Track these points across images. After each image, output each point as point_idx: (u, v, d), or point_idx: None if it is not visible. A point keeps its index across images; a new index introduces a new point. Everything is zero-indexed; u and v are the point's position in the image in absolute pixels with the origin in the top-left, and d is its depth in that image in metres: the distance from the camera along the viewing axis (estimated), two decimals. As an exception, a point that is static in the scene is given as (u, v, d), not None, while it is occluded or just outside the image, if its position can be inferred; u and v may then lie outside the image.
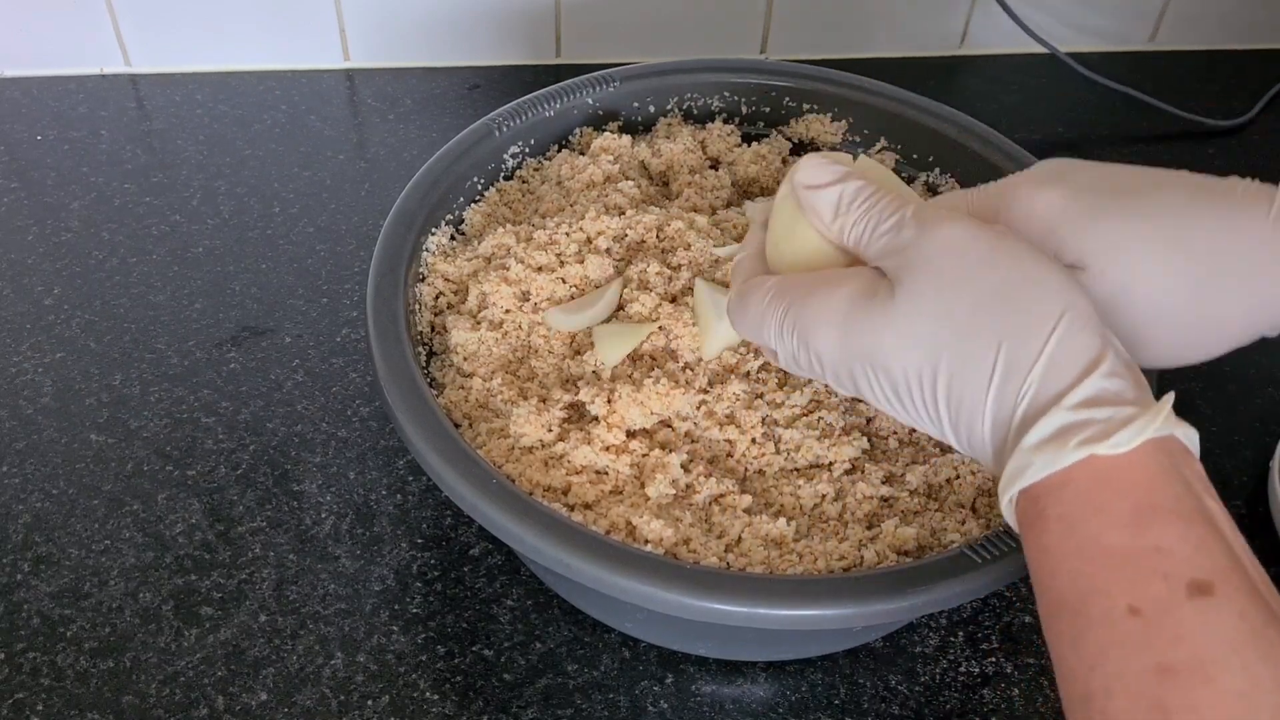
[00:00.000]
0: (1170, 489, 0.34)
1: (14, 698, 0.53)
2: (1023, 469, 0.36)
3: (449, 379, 0.56)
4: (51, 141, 0.82)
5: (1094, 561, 0.34)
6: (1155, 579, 0.33)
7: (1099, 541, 0.34)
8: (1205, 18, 0.95)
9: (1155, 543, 0.33)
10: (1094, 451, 0.34)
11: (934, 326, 0.38)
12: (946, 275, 0.38)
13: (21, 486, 0.61)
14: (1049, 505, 0.35)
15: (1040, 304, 0.36)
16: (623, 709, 0.54)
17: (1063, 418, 0.35)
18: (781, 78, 0.70)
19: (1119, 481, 0.34)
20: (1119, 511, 0.34)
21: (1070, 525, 0.35)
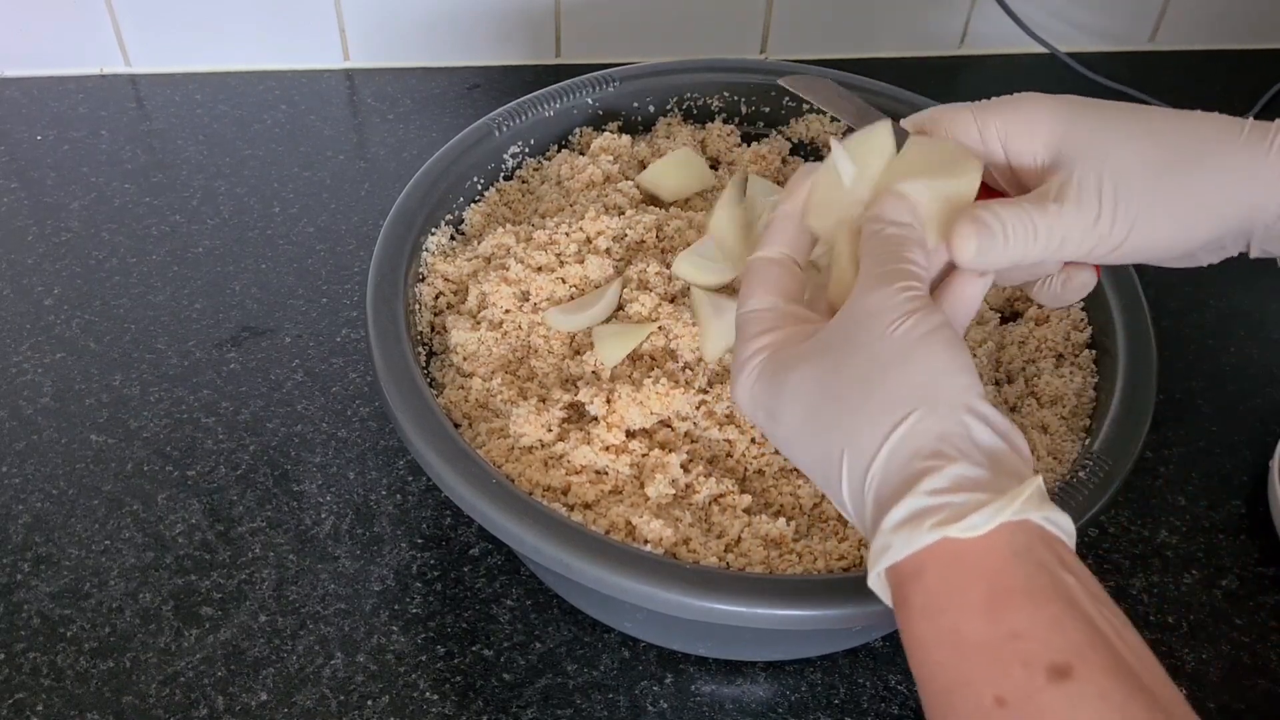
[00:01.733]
0: (1022, 570, 0.34)
1: (14, 698, 0.53)
2: (884, 549, 0.36)
3: (449, 379, 0.56)
4: (51, 141, 0.82)
5: (955, 652, 0.34)
6: (1015, 666, 0.33)
7: (958, 631, 0.34)
8: (1205, 18, 0.95)
9: (1011, 628, 0.33)
10: (947, 534, 0.35)
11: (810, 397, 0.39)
12: (833, 350, 0.39)
13: (22, 487, 0.61)
14: (911, 593, 0.36)
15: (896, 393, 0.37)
16: (622, 709, 0.54)
17: (919, 501, 0.35)
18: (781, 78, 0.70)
19: (972, 566, 0.35)
20: (974, 598, 0.34)
21: (930, 615, 0.35)
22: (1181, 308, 0.73)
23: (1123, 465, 0.51)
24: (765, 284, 0.44)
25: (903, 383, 0.37)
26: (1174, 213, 0.42)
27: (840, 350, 0.39)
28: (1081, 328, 0.59)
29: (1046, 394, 0.56)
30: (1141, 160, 0.42)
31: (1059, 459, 0.54)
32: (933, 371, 0.38)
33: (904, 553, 0.35)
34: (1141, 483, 0.64)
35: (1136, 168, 0.42)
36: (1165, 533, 0.62)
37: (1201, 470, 0.65)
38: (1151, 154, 0.42)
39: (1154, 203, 0.42)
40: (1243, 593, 0.60)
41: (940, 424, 0.37)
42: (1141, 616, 0.58)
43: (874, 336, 0.38)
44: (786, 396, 0.40)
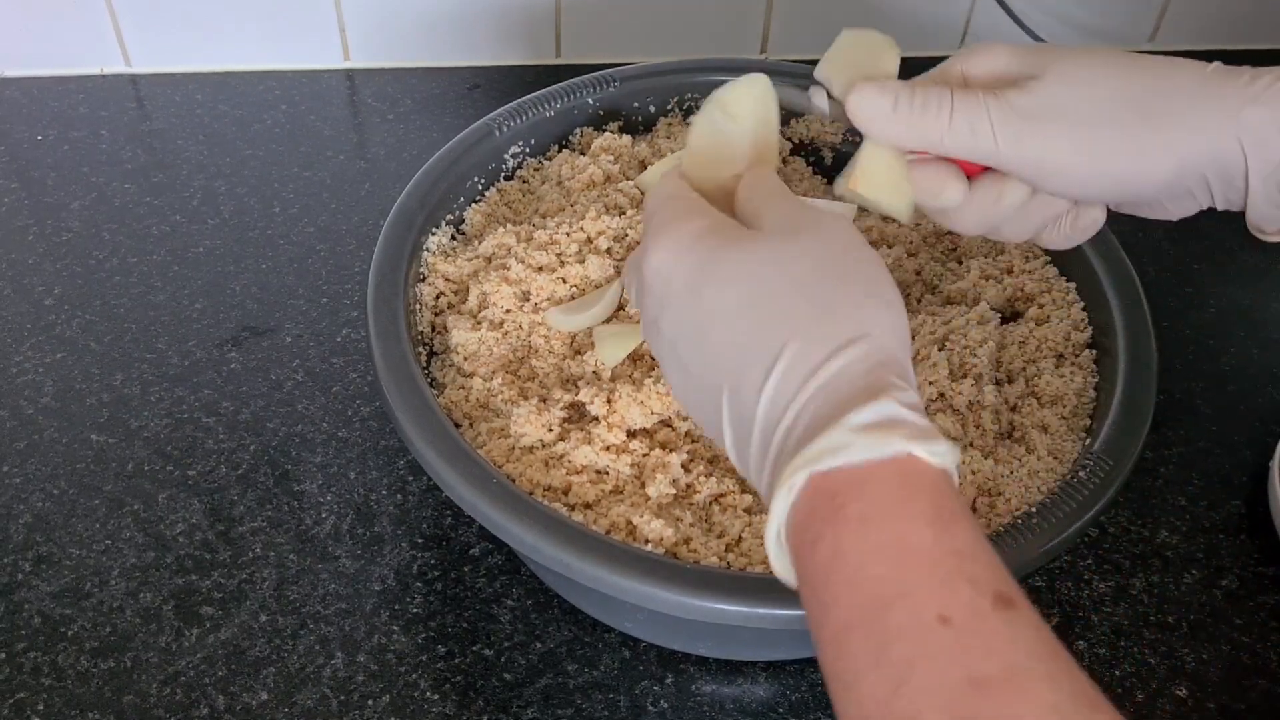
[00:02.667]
0: (961, 502, 0.34)
1: (15, 697, 0.53)
2: (840, 447, 0.33)
3: (449, 379, 0.56)
4: (51, 141, 0.82)
5: (898, 564, 0.32)
6: (962, 584, 0.31)
7: (904, 541, 0.32)
8: (1205, 18, 0.95)
9: (957, 546, 0.32)
10: (915, 450, 0.33)
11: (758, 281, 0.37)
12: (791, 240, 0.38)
13: (22, 486, 0.61)
14: (849, 501, 0.33)
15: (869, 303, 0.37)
16: (623, 709, 0.54)
17: (891, 409, 0.34)
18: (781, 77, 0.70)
19: (920, 482, 0.33)
20: (922, 509, 0.32)
21: (872, 524, 0.32)
22: (1181, 308, 0.73)
23: (1123, 465, 0.51)
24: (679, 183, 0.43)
25: (884, 305, 0.37)
26: (1135, 142, 0.41)
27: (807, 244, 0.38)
28: (1081, 328, 0.59)
29: (1046, 394, 0.56)
30: (1108, 86, 0.41)
31: (1059, 459, 0.54)
32: (890, 299, 0.37)
33: (866, 456, 0.33)
34: (1141, 483, 0.64)
35: (1102, 91, 0.41)
36: (1165, 533, 0.62)
37: (1201, 470, 0.65)
38: (1116, 81, 0.41)
39: (1115, 125, 0.41)
40: (1243, 593, 0.60)
41: (898, 351, 0.36)
42: (1141, 616, 0.58)
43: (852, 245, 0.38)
44: (723, 271, 0.38)
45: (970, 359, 0.57)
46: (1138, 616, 0.58)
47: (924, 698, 0.29)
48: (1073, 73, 0.41)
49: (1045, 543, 0.47)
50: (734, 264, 0.38)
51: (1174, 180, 0.42)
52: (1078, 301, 0.60)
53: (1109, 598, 0.59)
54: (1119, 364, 0.55)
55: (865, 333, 0.36)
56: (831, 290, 0.37)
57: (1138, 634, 0.58)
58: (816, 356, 0.35)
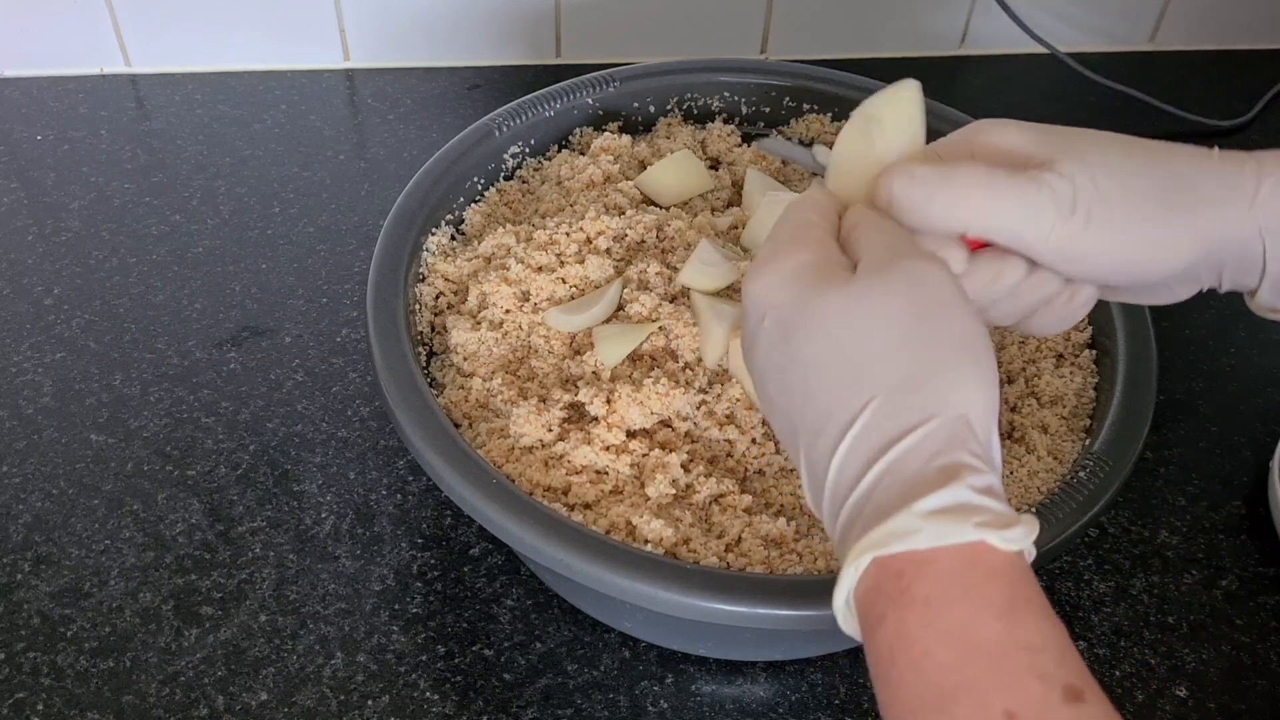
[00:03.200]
0: (1035, 586, 0.33)
1: (14, 697, 0.53)
2: (910, 532, 0.33)
3: (449, 379, 0.56)
4: (51, 141, 0.82)
5: (965, 655, 0.31)
6: (1031, 680, 0.30)
7: (969, 631, 0.31)
8: (1205, 18, 0.95)
9: (1027, 639, 0.31)
10: (989, 538, 0.32)
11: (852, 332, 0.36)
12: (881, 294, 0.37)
13: (22, 486, 0.61)
14: (914, 583, 0.32)
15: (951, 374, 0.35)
16: (623, 709, 0.54)
17: (964, 495, 0.33)
18: (781, 78, 0.70)
19: (993, 571, 0.32)
20: (993, 599, 0.32)
21: (937, 609, 0.32)
22: (1181, 308, 0.72)
23: (1123, 465, 0.51)
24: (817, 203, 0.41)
25: (969, 370, 0.35)
26: (1160, 230, 0.41)
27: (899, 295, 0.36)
28: (1081, 328, 0.59)
29: (1046, 394, 0.56)
30: (1129, 173, 0.40)
31: (1059, 459, 0.54)
32: (989, 373, 0.36)
33: (934, 542, 0.32)
34: (1141, 483, 0.64)
35: (1120, 174, 0.40)
36: (1165, 533, 0.62)
37: (1201, 470, 0.65)
38: (1136, 167, 0.41)
39: (1133, 215, 0.40)
40: (1243, 593, 0.60)
41: (982, 427, 0.35)
42: (1141, 616, 0.58)
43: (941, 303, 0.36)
44: (819, 313, 0.37)
45: (970, 359, 0.57)
46: (1138, 616, 0.58)
47: None
48: (1093, 161, 0.40)
49: (1045, 543, 0.47)
50: (822, 314, 0.37)
51: (1192, 266, 0.41)
52: (1078, 301, 0.60)
53: (1109, 598, 0.59)
54: (1119, 364, 0.55)
55: (944, 407, 0.35)
56: (916, 356, 0.35)
57: (1138, 634, 0.58)
58: (891, 431, 0.34)
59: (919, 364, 0.35)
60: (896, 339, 0.36)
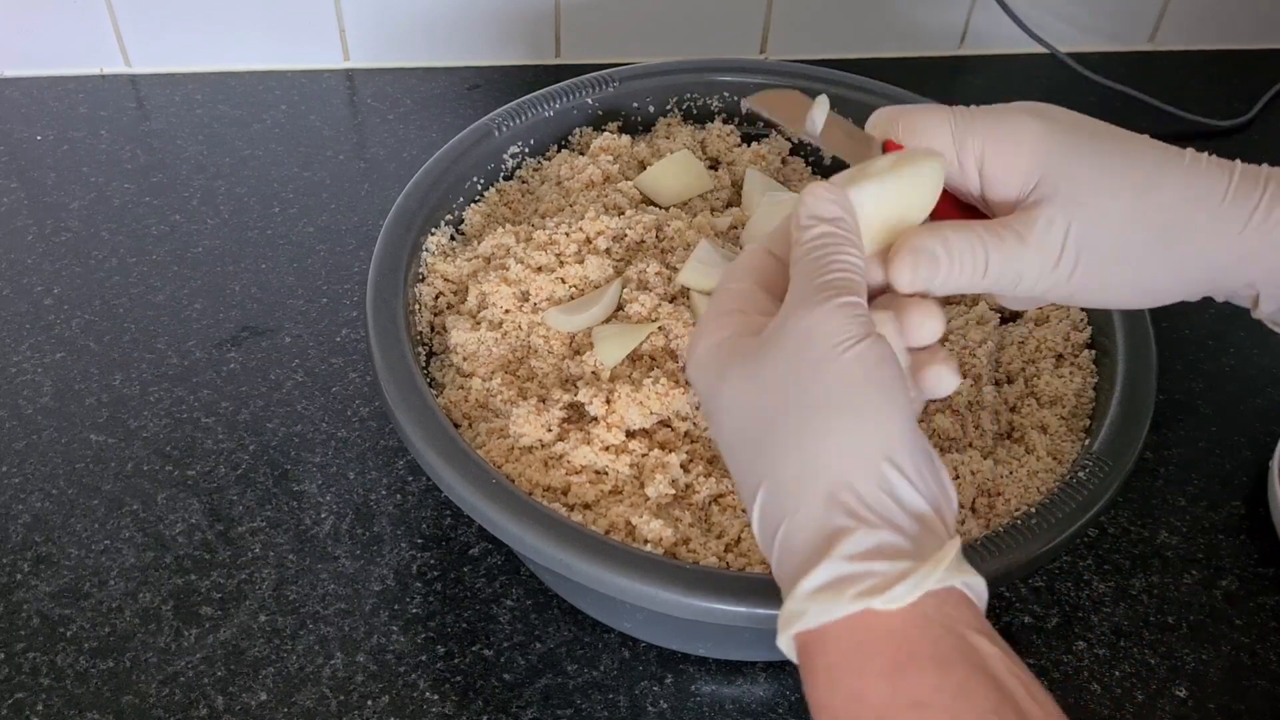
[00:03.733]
0: (930, 635, 0.33)
1: (14, 698, 0.53)
2: (798, 614, 0.34)
3: (449, 379, 0.56)
4: (51, 141, 0.82)
5: (855, 715, 0.33)
6: None
7: (863, 695, 0.33)
8: (1205, 18, 0.95)
9: (913, 696, 0.33)
10: (869, 605, 0.33)
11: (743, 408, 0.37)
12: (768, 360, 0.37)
13: (21, 486, 0.61)
14: (817, 655, 0.35)
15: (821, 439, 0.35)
16: (623, 709, 0.54)
17: (839, 568, 0.34)
18: (781, 78, 0.70)
19: (880, 631, 0.34)
20: (880, 664, 0.33)
21: (834, 679, 0.34)
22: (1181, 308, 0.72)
23: (1123, 465, 0.51)
24: (749, 268, 0.41)
25: (830, 426, 0.35)
26: (1140, 274, 0.42)
27: (774, 363, 0.37)
28: (1081, 328, 0.59)
29: (1046, 394, 0.56)
30: (1119, 216, 0.41)
31: (1059, 459, 0.54)
32: (864, 416, 0.35)
33: (819, 621, 0.34)
34: (1141, 483, 0.64)
35: (1111, 223, 0.41)
36: (1165, 533, 0.62)
37: (1201, 470, 0.65)
38: (1129, 210, 0.41)
39: (1120, 261, 0.41)
40: (1243, 593, 0.60)
41: (863, 478, 0.35)
42: (1141, 616, 0.58)
43: (809, 361, 0.36)
44: (724, 396, 0.38)
45: (970, 359, 0.57)
46: (1138, 616, 0.58)
47: None
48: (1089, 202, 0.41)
49: (1045, 543, 0.47)
50: (728, 393, 0.38)
51: (1178, 301, 0.43)
52: (1077, 301, 0.60)
53: (1109, 598, 0.59)
54: (1119, 364, 0.55)
55: (819, 475, 0.35)
56: (791, 429, 0.36)
57: (1138, 634, 0.58)
58: (776, 514, 0.36)
59: (793, 437, 0.36)
60: (775, 413, 0.36)
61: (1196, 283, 0.42)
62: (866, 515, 0.35)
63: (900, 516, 0.35)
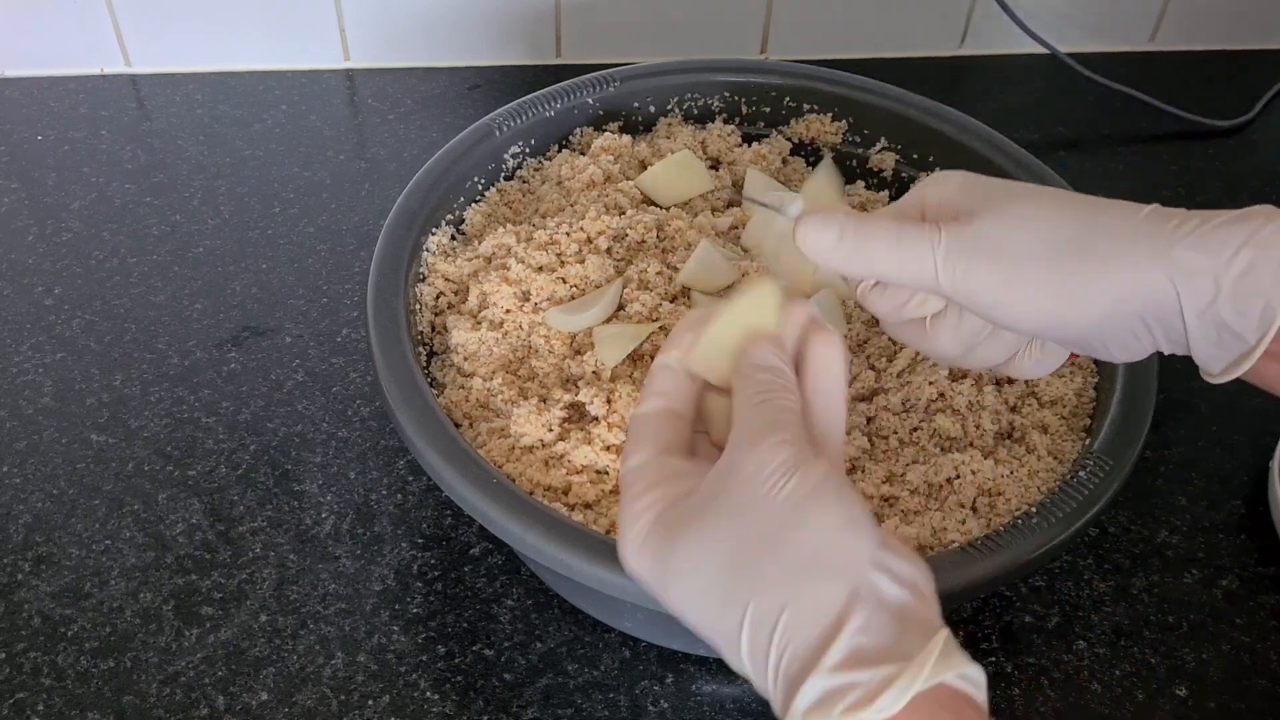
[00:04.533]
0: None
1: (14, 697, 0.53)
2: None
3: (449, 379, 0.56)
4: (51, 141, 0.82)
5: None
6: None
7: None
8: (1205, 18, 0.95)
9: None
10: (860, 718, 0.33)
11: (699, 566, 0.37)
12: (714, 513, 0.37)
13: (22, 486, 0.61)
14: None
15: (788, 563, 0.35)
16: (623, 709, 0.54)
17: (824, 682, 0.34)
18: (781, 78, 0.70)
19: None
20: None
21: None
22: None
23: (1123, 465, 0.51)
24: (642, 439, 0.41)
25: (794, 551, 0.35)
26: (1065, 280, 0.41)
27: (723, 514, 0.37)
28: (1081, 328, 0.59)
29: (1046, 394, 0.56)
30: (1042, 225, 0.41)
31: (1059, 459, 0.54)
32: (825, 532, 0.36)
33: None
34: (1141, 483, 0.64)
35: (1035, 230, 0.41)
36: (1165, 533, 0.62)
37: (1201, 470, 0.65)
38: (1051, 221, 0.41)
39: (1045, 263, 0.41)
40: (1243, 593, 0.60)
41: (839, 589, 0.35)
42: (1141, 616, 0.58)
43: (756, 500, 0.36)
44: (675, 563, 0.38)
45: (970, 359, 0.57)
46: (1138, 616, 0.58)
47: None
48: (1011, 210, 0.42)
49: (1045, 543, 0.47)
50: (681, 556, 0.38)
51: (1108, 319, 0.42)
52: (1078, 301, 0.60)
53: (1109, 598, 0.59)
54: (1119, 364, 0.55)
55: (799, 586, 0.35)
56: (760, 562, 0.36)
57: (1138, 634, 0.58)
58: (761, 636, 0.35)
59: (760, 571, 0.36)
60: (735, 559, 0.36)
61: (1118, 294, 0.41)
62: (847, 622, 0.34)
63: (880, 616, 0.35)
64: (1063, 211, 0.42)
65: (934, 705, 0.33)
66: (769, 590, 0.35)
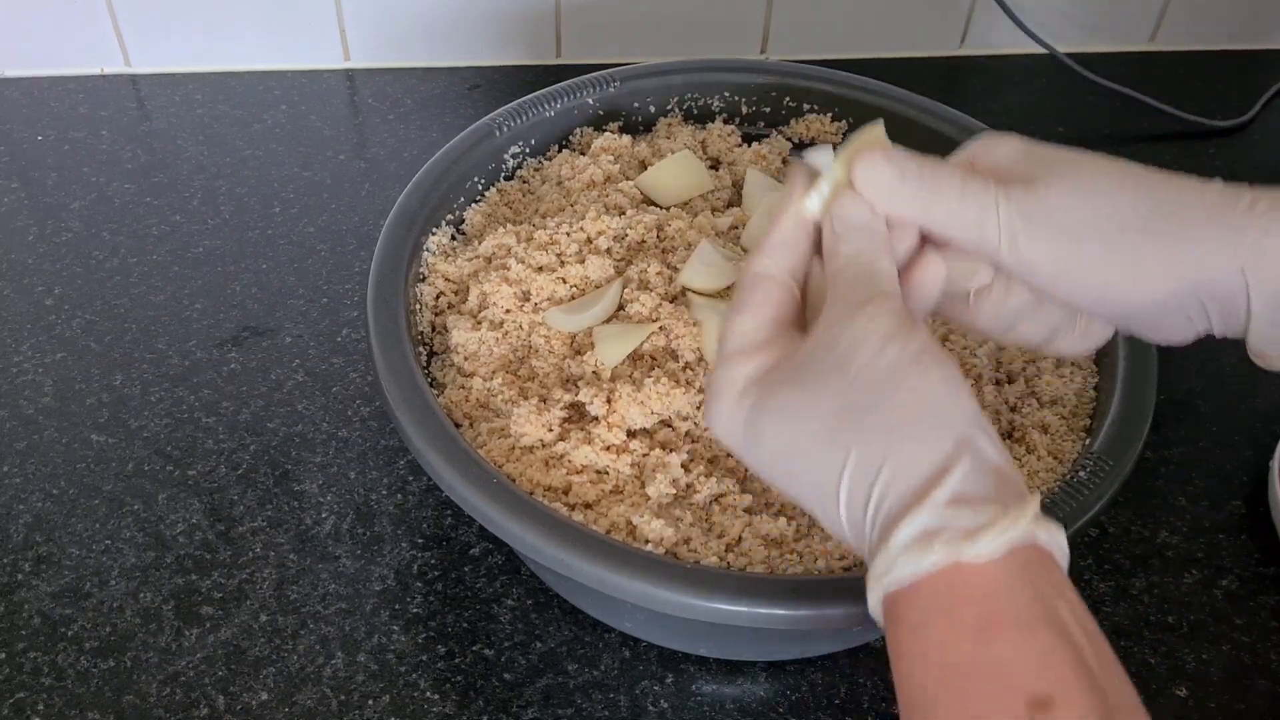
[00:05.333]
0: (1019, 597, 0.34)
1: (15, 697, 0.53)
2: (887, 570, 0.35)
3: (449, 379, 0.56)
4: (51, 141, 0.82)
5: (938, 671, 0.34)
6: (997, 693, 0.32)
7: (944, 651, 0.34)
8: (1205, 18, 0.95)
9: (998, 654, 0.33)
10: (957, 556, 0.34)
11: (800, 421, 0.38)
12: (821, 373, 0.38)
13: (22, 486, 0.61)
14: (905, 611, 0.35)
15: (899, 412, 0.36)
16: (623, 709, 0.54)
17: (928, 518, 0.35)
18: (781, 78, 0.70)
19: (969, 588, 0.34)
20: (966, 619, 0.34)
21: (919, 632, 0.35)
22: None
23: (1123, 465, 0.51)
24: (756, 303, 0.41)
25: (900, 406, 0.36)
26: (1132, 258, 0.40)
27: (826, 374, 0.38)
28: (1082, 328, 0.59)
29: (1046, 394, 0.56)
30: (1111, 200, 0.40)
31: (1059, 459, 0.54)
32: (930, 392, 0.37)
33: (909, 576, 0.35)
34: (1141, 483, 0.64)
35: (1104, 204, 0.40)
36: (1165, 533, 0.62)
37: (1201, 470, 0.65)
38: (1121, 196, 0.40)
39: (1112, 241, 0.40)
40: (1243, 593, 0.60)
41: (946, 439, 0.36)
42: (1141, 616, 0.58)
43: (859, 364, 0.37)
44: (770, 421, 0.38)
45: (970, 359, 0.57)
46: (1138, 616, 0.58)
47: None
48: (1075, 180, 0.40)
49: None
50: (780, 408, 0.38)
51: (1169, 300, 0.41)
52: (1078, 301, 0.60)
53: (1109, 598, 0.59)
54: (1119, 364, 0.55)
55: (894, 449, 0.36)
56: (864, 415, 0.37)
57: (1138, 634, 0.58)
58: (865, 478, 0.36)
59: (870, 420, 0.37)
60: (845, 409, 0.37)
61: (1184, 273, 0.40)
62: (952, 468, 0.35)
63: (982, 469, 0.36)
64: (1128, 184, 0.41)
65: (1024, 564, 0.34)
66: (874, 439, 0.36)
